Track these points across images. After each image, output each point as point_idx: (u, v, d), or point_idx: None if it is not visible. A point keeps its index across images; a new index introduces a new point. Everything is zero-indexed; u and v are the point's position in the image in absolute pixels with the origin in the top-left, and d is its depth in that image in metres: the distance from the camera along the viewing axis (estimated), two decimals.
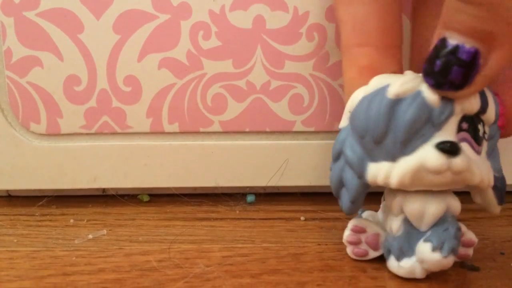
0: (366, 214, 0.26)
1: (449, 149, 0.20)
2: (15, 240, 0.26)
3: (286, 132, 0.30)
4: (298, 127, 0.29)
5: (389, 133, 0.21)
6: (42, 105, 0.28)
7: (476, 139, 0.21)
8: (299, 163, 0.30)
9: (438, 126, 0.20)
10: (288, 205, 0.31)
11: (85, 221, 0.28)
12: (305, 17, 0.28)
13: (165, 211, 0.30)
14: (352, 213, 0.23)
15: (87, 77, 0.28)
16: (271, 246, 0.26)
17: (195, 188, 0.31)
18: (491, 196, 0.23)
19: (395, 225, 0.23)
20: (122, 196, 0.31)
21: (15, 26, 0.27)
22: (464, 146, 0.21)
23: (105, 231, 0.27)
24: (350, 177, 0.22)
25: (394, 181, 0.21)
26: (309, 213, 0.30)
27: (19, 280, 0.22)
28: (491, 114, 0.21)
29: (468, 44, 0.18)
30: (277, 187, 0.31)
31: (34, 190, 0.30)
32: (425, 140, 0.20)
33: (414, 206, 0.22)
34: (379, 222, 0.25)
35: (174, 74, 0.28)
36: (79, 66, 0.28)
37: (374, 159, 0.21)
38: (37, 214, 0.29)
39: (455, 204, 0.22)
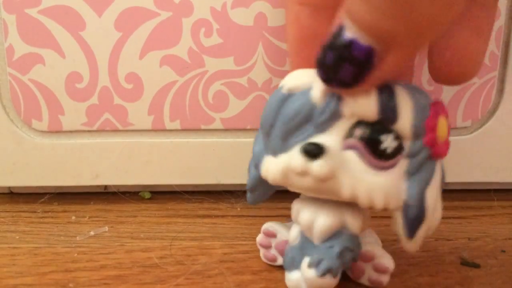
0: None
1: (308, 150, 0.18)
2: (17, 237, 0.26)
3: None
4: None
5: (274, 127, 0.20)
6: (44, 102, 0.28)
7: (375, 151, 0.18)
8: None
9: (320, 127, 0.19)
10: (289, 202, 0.31)
11: (87, 218, 0.29)
12: None
13: (166, 208, 0.30)
14: (252, 202, 0.23)
15: (89, 74, 0.28)
16: None
17: (196, 185, 0.31)
18: (398, 223, 0.19)
19: (292, 233, 0.21)
20: (124, 193, 0.31)
21: (17, 23, 0.27)
22: (350, 155, 0.18)
23: (106, 228, 0.27)
24: (250, 168, 0.22)
25: (269, 178, 0.20)
26: None
27: (21, 277, 0.22)
28: (404, 126, 0.18)
29: (363, 40, 0.16)
30: None
31: (36, 187, 0.30)
32: (303, 139, 0.19)
33: (304, 216, 0.20)
34: None
35: (175, 72, 0.28)
36: (80, 63, 0.28)
37: (267, 152, 0.20)
38: (39, 211, 0.29)
39: (352, 222, 0.20)
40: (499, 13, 0.28)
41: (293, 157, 0.19)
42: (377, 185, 0.18)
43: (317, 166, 0.18)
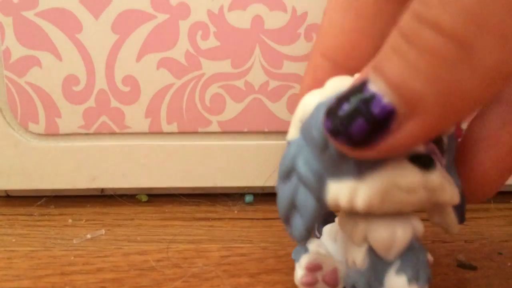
0: (312, 244, 0.22)
1: (424, 162, 0.17)
2: (14, 240, 0.26)
3: (285, 132, 0.29)
4: None
5: None
6: (40, 105, 0.28)
7: (441, 151, 0.18)
8: None
9: None
10: None
11: (84, 221, 0.28)
12: (304, 17, 0.28)
13: (163, 211, 0.30)
14: (305, 241, 0.20)
15: (86, 77, 0.28)
16: (270, 246, 0.26)
17: (193, 188, 0.31)
18: (451, 215, 0.19)
19: (359, 257, 0.19)
20: (121, 196, 0.31)
21: (14, 26, 0.27)
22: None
23: (103, 231, 0.27)
24: (305, 199, 0.18)
25: (361, 203, 0.17)
26: None
27: (17, 280, 0.22)
28: None
29: (387, 97, 0.14)
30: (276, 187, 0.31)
31: (33, 190, 0.30)
32: None
33: (382, 235, 0.18)
34: (328, 251, 0.21)
35: (172, 74, 0.28)
36: (77, 66, 0.28)
37: (336, 176, 0.17)
38: (35, 214, 0.29)
39: (419, 226, 0.19)
40: None
41: (402, 173, 0.17)
42: (451, 182, 0.18)
43: (435, 177, 0.17)
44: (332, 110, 0.16)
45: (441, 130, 0.16)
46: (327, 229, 0.22)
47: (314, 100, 0.18)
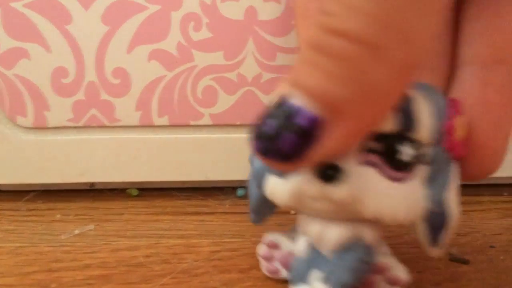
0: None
1: (323, 174, 0.16)
2: (0, 236, 0.26)
3: None
4: None
5: None
6: (29, 97, 0.28)
7: (395, 163, 0.17)
8: None
9: None
10: None
11: (72, 216, 0.28)
12: None
13: (154, 205, 0.30)
14: (256, 222, 0.22)
15: (75, 69, 0.27)
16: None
17: (185, 182, 0.31)
18: (421, 232, 0.19)
19: (299, 245, 0.20)
20: (111, 190, 0.31)
21: (2, 17, 0.26)
22: (368, 170, 0.17)
23: (92, 226, 0.27)
24: (252, 187, 0.21)
25: (277, 201, 0.18)
26: None
27: (2, 277, 0.22)
28: (423, 132, 0.17)
29: (310, 108, 0.14)
30: None
31: (21, 185, 0.30)
32: None
33: (314, 227, 0.19)
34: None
35: (164, 66, 0.28)
36: (67, 58, 0.27)
37: (270, 171, 0.19)
38: (23, 209, 0.29)
39: (369, 232, 0.19)
40: None
41: (306, 181, 0.17)
42: (398, 199, 0.17)
43: (336, 190, 0.17)
44: (258, 130, 0.16)
45: (369, 128, 0.16)
46: None
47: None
